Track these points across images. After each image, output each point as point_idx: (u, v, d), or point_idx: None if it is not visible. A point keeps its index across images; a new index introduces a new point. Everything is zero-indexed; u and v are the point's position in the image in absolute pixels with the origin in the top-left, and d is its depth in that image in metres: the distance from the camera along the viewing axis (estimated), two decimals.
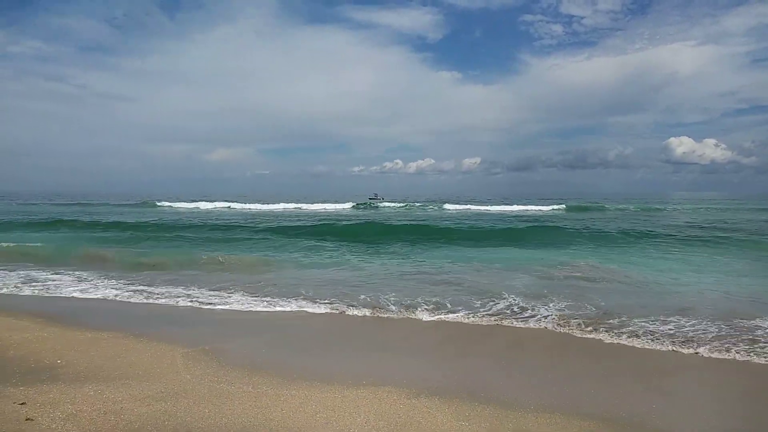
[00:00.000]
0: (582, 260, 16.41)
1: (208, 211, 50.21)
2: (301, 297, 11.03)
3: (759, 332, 8.24)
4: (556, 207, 53.75)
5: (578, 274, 13.99)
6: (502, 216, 43.13)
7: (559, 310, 9.83)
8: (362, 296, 11.02)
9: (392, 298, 10.83)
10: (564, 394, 5.66)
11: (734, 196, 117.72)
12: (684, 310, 9.62)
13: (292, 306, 10.30)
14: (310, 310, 9.99)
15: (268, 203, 63.19)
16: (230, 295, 11.37)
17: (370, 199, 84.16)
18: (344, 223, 32.13)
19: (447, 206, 59.21)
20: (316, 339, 8.07)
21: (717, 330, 8.36)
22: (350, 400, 5.30)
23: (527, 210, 51.96)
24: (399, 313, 9.69)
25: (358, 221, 33.69)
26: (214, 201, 65.39)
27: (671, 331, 8.34)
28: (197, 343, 7.42)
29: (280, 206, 58.62)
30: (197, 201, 65.11)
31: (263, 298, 10.98)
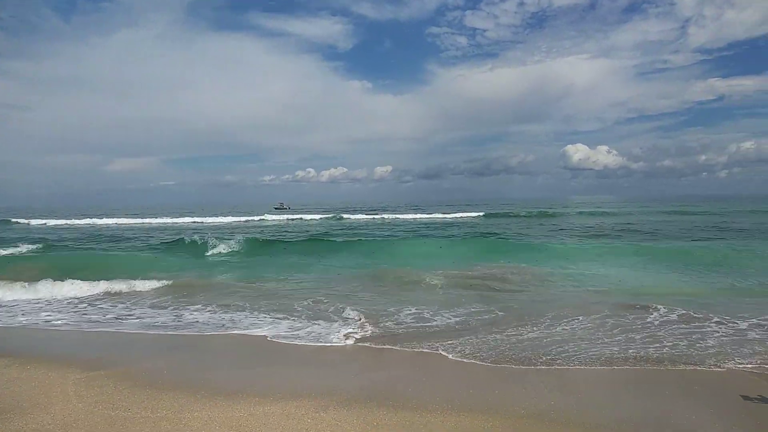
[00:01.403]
0: (510, 265, 17.20)
1: (81, 228, 45.69)
2: (205, 314, 10.64)
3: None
4: (474, 214, 55.64)
5: (490, 279, 14.66)
6: (413, 223, 44.10)
7: (456, 316, 10.24)
8: (264, 312, 10.82)
9: (295, 314, 10.73)
10: (469, 397, 5.86)
11: (626, 199, 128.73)
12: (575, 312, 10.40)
13: (190, 325, 9.88)
14: (213, 332, 9.63)
15: (171, 216, 58.66)
16: (129, 314, 10.71)
17: (275, 208, 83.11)
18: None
19: (359, 216, 58.50)
20: (222, 357, 7.77)
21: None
22: (257, 418, 5.16)
23: (434, 217, 53.45)
24: (304, 327, 9.61)
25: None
26: (102, 217, 58.94)
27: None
28: (93, 367, 6.90)
29: (180, 220, 53.70)
30: (74, 217, 58.49)
31: (165, 317, 10.45)
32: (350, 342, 8.42)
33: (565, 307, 10.55)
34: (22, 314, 10.85)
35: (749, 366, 6.82)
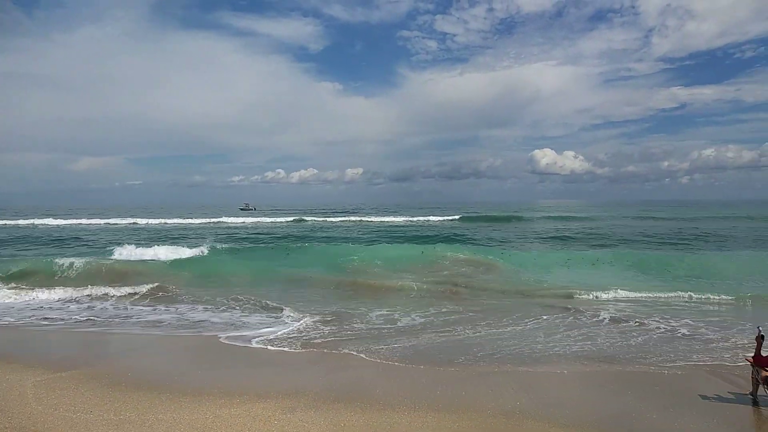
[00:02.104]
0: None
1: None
2: (171, 316, 10.51)
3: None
4: (448, 217, 54.82)
5: (457, 283, 14.89)
6: (384, 226, 43.79)
7: (423, 317, 10.39)
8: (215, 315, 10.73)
9: (258, 317, 10.68)
10: (436, 397, 5.93)
11: (591, 204, 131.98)
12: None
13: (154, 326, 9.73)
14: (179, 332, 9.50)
15: (135, 217, 56.07)
16: (95, 316, 10.47)
17: (240, 209, 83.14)
18: None
19: (329, 218, 56.21)
20: (184, 358, 7.72)
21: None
22: (223, 420, 5.12)
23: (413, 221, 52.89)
24: (267, 329, 9.58)
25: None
26: (59, 217, 55.64)
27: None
28: (55, 369, 6.72)
29: (142, 221, 51.49)
30: (35, 217, 55.54)
31: (131, 319, 10.27)
32: (316, 344, 8.42)
33: (529, 308, 10.85)
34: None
35: (702, 364, 7.13)
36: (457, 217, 55.19)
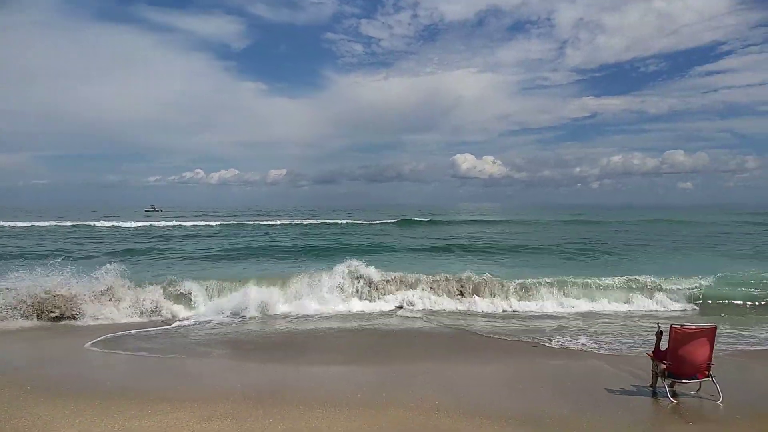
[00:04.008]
0: None
1: None
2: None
3: None
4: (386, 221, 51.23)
5: None
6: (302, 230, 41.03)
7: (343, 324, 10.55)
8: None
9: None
10: (356, 399, 5.95)
11: (509, 207, 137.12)
12: None
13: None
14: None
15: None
16: None
17: (146, 210, 79.73)
18: None
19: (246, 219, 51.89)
20: (89, 364, 7.50)
21: None
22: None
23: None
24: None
25: None
26: None
27: None
28: None
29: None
30: None
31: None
32: (229, 344, 8.39)
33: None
34: None
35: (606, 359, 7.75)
36: (394, 220, 51.42)
